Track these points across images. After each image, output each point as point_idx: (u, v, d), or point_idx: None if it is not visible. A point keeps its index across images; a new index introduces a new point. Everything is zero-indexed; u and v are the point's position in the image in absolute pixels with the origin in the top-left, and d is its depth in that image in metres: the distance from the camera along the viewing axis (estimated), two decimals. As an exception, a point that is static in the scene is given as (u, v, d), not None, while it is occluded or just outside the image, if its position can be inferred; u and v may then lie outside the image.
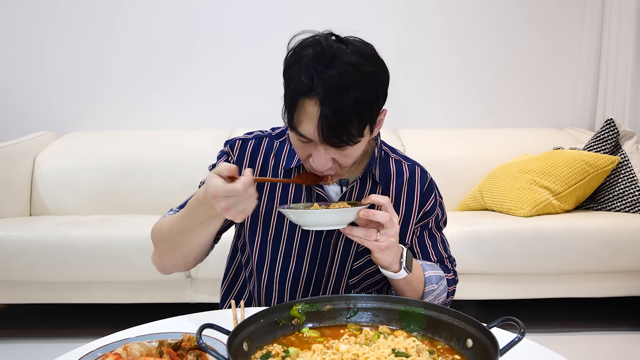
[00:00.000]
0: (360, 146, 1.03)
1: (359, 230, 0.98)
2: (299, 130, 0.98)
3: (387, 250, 0.99)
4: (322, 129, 0.94)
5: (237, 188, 0.89)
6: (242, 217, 0.92)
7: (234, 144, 1.20)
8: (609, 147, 2.54)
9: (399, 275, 1.04)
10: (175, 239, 1.08)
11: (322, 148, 0.99)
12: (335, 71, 0.93)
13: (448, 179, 2.72)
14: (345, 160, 1.03)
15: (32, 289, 2.28)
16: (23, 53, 3.05)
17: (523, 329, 0.76)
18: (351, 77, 0.93)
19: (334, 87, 0.92)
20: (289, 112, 0.98)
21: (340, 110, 0.93)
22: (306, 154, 1.04)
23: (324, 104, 0.93)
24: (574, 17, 3.14)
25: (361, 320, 0.93)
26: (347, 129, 0.95)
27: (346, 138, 0.96)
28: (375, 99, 0.98)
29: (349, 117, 0.94)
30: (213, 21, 3.06)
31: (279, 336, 0.88)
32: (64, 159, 2.74)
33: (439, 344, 0.87)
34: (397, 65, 3.08)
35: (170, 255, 1.12)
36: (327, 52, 0.95)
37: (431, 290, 1.12)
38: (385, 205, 0.99)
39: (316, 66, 0.94)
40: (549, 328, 2.41)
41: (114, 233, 2.23)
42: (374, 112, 0.99)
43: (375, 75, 0.97)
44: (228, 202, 0.90)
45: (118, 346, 0.87)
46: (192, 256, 1.11)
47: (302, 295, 1.17)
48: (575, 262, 2.26)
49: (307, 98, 0.95)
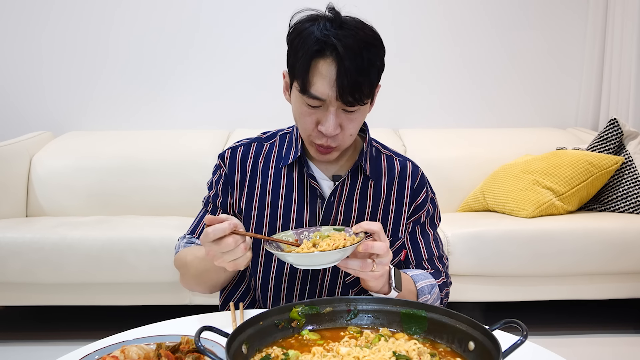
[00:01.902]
0: (364, 112, 1.09)
1: (355, 263, 0.97)
2: (312, 92, 1.02)
3: (381, 278, 1.00)
4: (342, 86, 0.99)
5: (207, 232, 0.92)
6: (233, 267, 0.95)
7: (224, 155, 1.24)
8: (613, 147, 2.53)
9: (390, 295, 1.04)
10: (200, 276, 1.15)
11: (334, 109, 1.03)
12: (347, 32, 1.01)
13: (449, 179, 2.72)
14: (352, 126, 1.07)
15: (28, 291, 2.27)
16: (18, 52, 3.04)
17: (526, 331, 0.75)
18: (361, 38, 1.01)
19: (350, 45, 0.99)
20: (302, 75, 1.02)
21: (357, 66, 0.99)
22: (314, 122, 1.06)
23: (344, 60, 0.98)
24: (577, 15, 3.13)
25: (362, 322, 0.93)
26: (361, 87, 1.00)
27: (358, 96, 1.01)
28: (381, 63, 1.06)
29: (364, 74, 1.00)
30: (211, 20, 3.05)
31: (279, 339, 0.88)
32: (61, 159, 2.73)
33: (440, 346, 0.86)
34: (398, 64, 3.07)
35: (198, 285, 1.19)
36: (334, 18, 1.04)
37: (424, 301, 1.13)
38: (378, 233, 0.98)
39: (328, 28, 1.01)
40: (552, 330, 2.40)
41: (112, 234, 2.22)
42: (379, 76, 1.06)
43: (378, 40, 1.06)
44: (211, 249, 0.94)
45: (116, 349, 0.87)
46: (218, 286, 1.20)
47: (298, 295, 1.18)
48: (579, 263, 2.25)
49: (320, 59, 1.00)
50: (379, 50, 1.05)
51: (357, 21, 1.05)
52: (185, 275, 1.20)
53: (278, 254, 0.94)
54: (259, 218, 1.18)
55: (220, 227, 0.92)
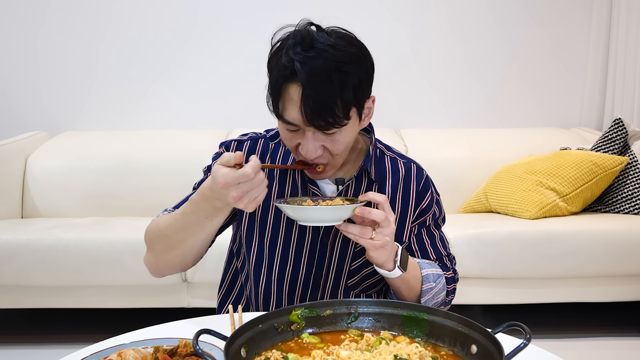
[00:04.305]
0: (349, 132, 1.04)
1: (354, 228, 0.99)
2: (285, 117, 1.01)
3: (382, 249, 1.00)
4: (306, 111, 0.96)
5: (248, 172, 0.88)
6: (253, 205, 0.92)
7: (229, 145, 1.21)
8: (618, 148, 2.53)
9: (394, 274, 1.04)
10: (175, 235, 1.06)
11: (310, 133, 1.01)
12: (315, 53, 0.96)
13: (452, 180, 2.72)
14: (335, 147, 1.04)
15: (23, 294, 2.26)
16: (15, 51, 3.03)
17: (529, 334, 0.75)
18: (332, 58, 0.96)
19: (315, 68, 0.95)
20: (274, 100, 1.01)
21: (322, 90, 0.95)
22: (295, 144, 1.05)
23: (306, 85, 0.95)
24: (582, 13, 3.12)
25: (362, 325, 0.92)
26: (331, 109, 0.97)
27: (331, 120, 0.97)
28: (358, 81, 1.00)
29: (332, 97, 0.96)
30: (209, 18, 3.05)
31: (278, 342, 0.87)
32: (57, 159, 2.72)
33: (442, 350, 0.86)
34: (400, 64, 3.06)
35: (168, 255, 1.10)
36: (306, 38, 0.99)
37: (429, 288, 1.12)
38: (382, 204, 1.00)
39: (296, 51, 0.97)
40: (555, 334, 2.39)
41: (108, 236, 2.21)
42: (359, 94, 1.00)
43: (356, 56, 1.00)
44: (240, 190, 0.89)
45: (112, 352, 0.87)
46: (191, 254, 1.09)
47: (300, 297, 1.17)
48: (583, 265, 2.24)
49: (289, 83, 0.98)
50: (357, 67, 0.99)
51: (335, 36, 1.00)
52: (154, 245, 1.11)
53: (280, 205, 0.98)
54: (262, 218, 1.16)
55: (257, 164, 0.90)
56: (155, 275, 1.15)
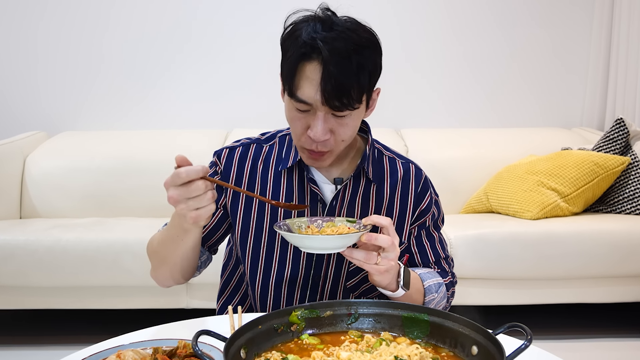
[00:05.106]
0: (357, 118, 1.06)
1: (359, 254, 0.97)
2: (299, 95, 1.01)
3: (386, 273, 0.98)
4: (326, 90, 0.97)
5: (179, 172, 0.88)
6: (194, 217, 0.91)
7: (221, 153, 1.21)
8: (619, 148, 2.52)
9: (397, 294, 1.04)
10: (162, 251, 1.09)
11: (322, 114, 1.01)
12: (336, 34, 0.98)
13: (452, 180, 2.71)
14: (343, 132, 1.04)
15: (21, 295, 2.26)
16: (13, 52, 3.02)
17: (530, 335, 0.75)
18: (352, 40, 0.98)
19: (337, 48, 0.97)
20: (289, 78, 1.01)
21: (343, 69, 0.97)
22: (304, 126, 1.05)
23: (328, 64, 0.96)
24: (583, 12, 3.11)
25: (362, 326, 0.92)
26: (349, 91, 0.98)
27: (346, 101, 0.98)
28: (374, 67, 1.02)
29: (351, 78, 0.97)
30: (209, 19, 3.04)
31: (278, 343, 0.87)
32: (55, 159, 2.71)
33: (443, 351, 0.85)
34: (400, 63, 3.06)
35: (161, 270, 1.13)
36: (325, 20, 1.01)
37: (431, 299, 1.13)
38: (387, 227, 0.98)
39: (317, 29, 0.99)
40: (556, 334, 2.39)
41: (107, 236, 2.21)
42: (372, 80, 1.03)
43: (372, 43, 1.03)
44: (176, 193, 0.89)
45: (111, 353, 0.86)
46: (176, 270, 1.11)
47: (299, 300, 1.16)
48: (584, 266, 2.24)
49: (307, 61, 0.99)
50: (372, 53, 1.02)
51: (352, 22, 1.03)
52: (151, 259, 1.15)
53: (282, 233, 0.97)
54: (258, 222, 1.15)
55: (193, 169, 0.88)
56: (161, 286, 1.18)
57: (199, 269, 1.18)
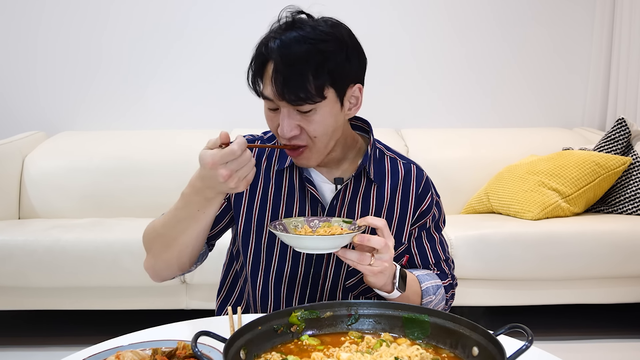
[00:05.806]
0: (327, 114, 1.03)
1: (353, 254, 0.98)
2: (264, 92, 1.03)
3: (380, 274, 0.98)
4: (277, 83, 0.98)
5: (234, 149, 0.89)
6: (244, 185, 0.93)
7: None
8: (620, 148, 2.52)
9: (392, 295, 1.04)
10: (170, 232, 1.06)
11: (285, 110, 1.02)
12: (294, 33, 1.00)
13: (453, 180, 2.70)
14: (312, 128, 1.03)
15: (20, 295, 2.26)
16: (12, 50, 3.01)
17: (531, 336, 0.75)
18: (307, 35, 0.99)
19: (285, 42, 0.99)
20: (256, 78, 1.04)
21: (291, 61, 0.97)
22: (275, 125, 1.06)
23: (277, 58, 0.98)
24: (584, 12, 3.10)
25: (363, 327, 0.92)
26: (302, 83, 0.97)
27: (303, 95, 0.98)
28: (335, 62, 1.00)
29: (302, 70, 0.97)
30: (209, 17, 3.03)
31: (278, 344, 0.87)
32: (54, 159, 2.71)
33: (443, 352, 0.86)
34: (401, 63, 3.05)
35: (164, 254, 1.09)
36: (289, 22, 1.03)
37: (429, 301, 1.13)
38: (382, 229, 0.98)
39: (276, 32, 1.02)
40: (557, 335, 2.39)
41: (106, 237, 2.21)
42: (336, 75, 1.01)
43: (334, 37, 1.01)
44: (228, 169, 0.90)
45: (110, 354, 0.87)
46: (186, 252, 1.08)
47: (298, 299, 1.17)
48: (585, 267, 2.24)
49: (264, 60, 1.02)
50: (334, 47, 1.00)
51: (320, 21, 1.03)
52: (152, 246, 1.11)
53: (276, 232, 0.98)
54: (259, 221, 1.16)
55: (243, 141, 0.90)
56: (156, 280, 1.15)
57: (196, 264, 1.16)
